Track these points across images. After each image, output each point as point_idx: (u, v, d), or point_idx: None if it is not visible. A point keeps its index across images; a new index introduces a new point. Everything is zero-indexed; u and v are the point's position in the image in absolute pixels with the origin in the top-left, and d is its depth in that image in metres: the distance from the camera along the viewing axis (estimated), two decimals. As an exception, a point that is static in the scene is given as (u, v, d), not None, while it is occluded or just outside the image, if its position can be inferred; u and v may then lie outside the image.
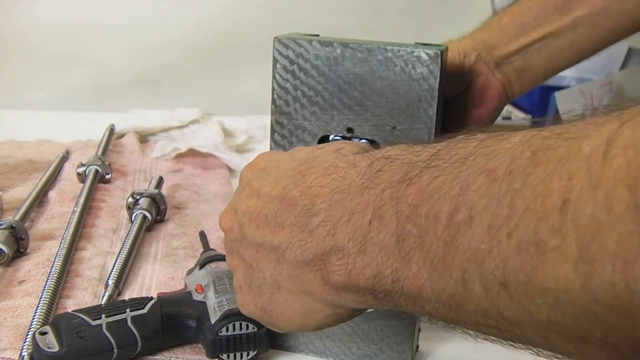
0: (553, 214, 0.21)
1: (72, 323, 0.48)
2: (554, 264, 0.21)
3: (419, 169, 0.28)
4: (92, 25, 1.28)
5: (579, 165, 0.21)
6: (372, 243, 0.29)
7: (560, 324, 0.22)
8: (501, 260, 0.23)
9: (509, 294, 0.23)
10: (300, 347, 0.53)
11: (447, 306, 0.27)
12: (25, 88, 1.31)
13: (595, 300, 0.20)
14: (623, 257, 0.19)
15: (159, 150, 1.07)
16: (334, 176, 0.33)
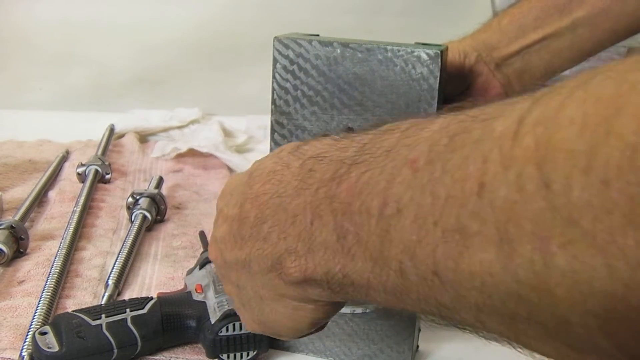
0: (472, 198, 0.22)
1: (72, 323, 0.48)
2: (477, 248, 0.22)
3: (347, 166, 0.29)
4: (92, 25, 1.28)
5: (491, 146, 0.21)
6: (317, 243, 0.30)
7: (489, 306, 0.22)
8: (431, 249, 0.23)
9: (442, 282, 0.24)
10: (300, 347, 0.53)
11: (394, 296, 0.27)
12: (25, 88, 1.30)
13: (516, 280, 0.21)
14: (539, 235, 0.20)
15: (159, 150, 1.07)
16: (273, 181, 0.34)
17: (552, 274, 0.19)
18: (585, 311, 0.19)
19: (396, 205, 0.25)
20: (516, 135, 0.21)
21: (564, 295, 0.19)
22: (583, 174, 0.18)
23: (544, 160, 0.19)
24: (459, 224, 0.22)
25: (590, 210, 0.18)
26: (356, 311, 0.50)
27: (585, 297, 0.19)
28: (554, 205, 0.19)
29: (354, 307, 0.50)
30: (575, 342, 0.20)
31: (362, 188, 0.27)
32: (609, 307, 0.18)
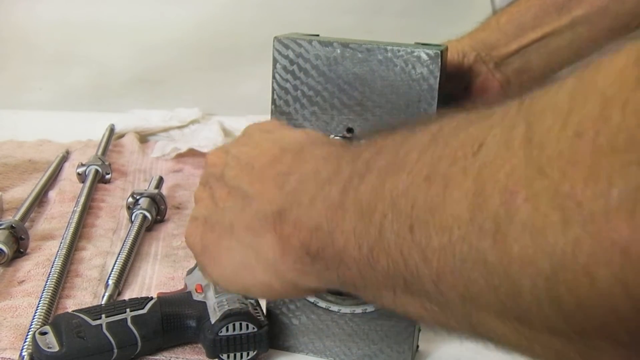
0: (467, 157, 0.23)
1: (72, 323, 0.48)
2: (454, 199, 0.22)
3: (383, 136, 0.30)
4: (92, 25, 1.28)
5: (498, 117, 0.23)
6: (322, 197, 0.31)
7: (449, 273, 0.23)
8: (412, 199, 0.24)
9: (413, 238, 0.24)
10: (300, 347, 0.53)
11: (367, 262, 0.28)
12: (25, 88, 1.30)
13: (480, 233, 0.21)
14: (510, 189, 0.20)
15: (159, 150, 1.06)
16: (327, 148, 0.35)
17: (512, 229, 0.20)
18: (536, 271, 0.19)
19: (400, 163, 0.26)
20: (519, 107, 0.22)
21: (519, 252, 0.20)
22: (561, 127, 0.19)
23: (532, 119, 0.20)
24: (446, 175, 0.23)
25: (560, 161, 0.19)
26: (356, 311, 0.50)
27: (538, 253, 0.19)
28: (530, 158, 0.20)
29: (354, 307, 0.50)
30: (526, 312, 0.21)
31: (382, 150, 0.29)
32: (558, 266, 0.18)
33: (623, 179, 0.17)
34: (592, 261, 0.18)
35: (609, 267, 0.17)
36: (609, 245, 0.17)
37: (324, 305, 0.51)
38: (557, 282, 0.19)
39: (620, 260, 0.17)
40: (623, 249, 0.17)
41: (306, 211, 0.32)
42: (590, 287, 0.18)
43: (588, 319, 0.19)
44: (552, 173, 0.19)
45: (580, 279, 0.18)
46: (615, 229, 0.17)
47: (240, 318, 0.49)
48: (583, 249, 0.18)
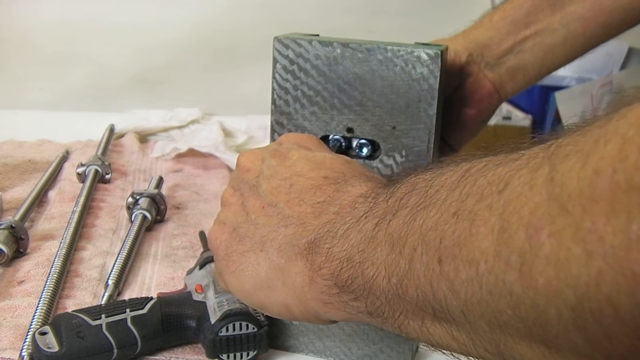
0: (494, 195, 0.24)
1: (72, 323, 0.48)
2: (481, 235, 0.24)
3: (416, 174, 0.31)
4: (92, 25, 1.28)
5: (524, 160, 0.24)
6: (356, 230, 0.32)
7: (477, 303, 0.24)
8: (441, 233, 0.26)
9: (442, 270, 0.25)
10: (300, 347, 0.53)
11: (396, 292, 0.29)
12: (25, 88, 1.30)
13: (505, 267, 0.22)
14: (534, 225, 0.21)
15: (159, 150, 1.07)
16: (368, 184, 0.35)
17: (537, 262, 0.21)
18: (561, 302, 0.20)
19: (430, 200, 0.28)
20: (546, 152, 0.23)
21: (544, 284, 0.21)
22: (581, 166, 0.20)
23: (556, 160, 0.22)
24: (473, 212, 0.24)
25: (581, 199, 0.20)
26: (356, 311, 0.50)
27: (563, 285, 0.20)
28: (552, 195, 0.21)
29: (354, 307, 0.50)
30: (553, 339, 0.22)
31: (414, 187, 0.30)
32: (583, 297, 0.20)
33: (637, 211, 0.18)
34: (615, 291, 0.19)
35: (632, 297, 0.18)
36: (631, 276, 0.18)
37: (324, 306, 0.51)
38: (582, 311, 0.20)
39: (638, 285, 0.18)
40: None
41: (339, 242, 0.32)
42: (614, 316, 0.19)
43: (614, 345, 0.20)
44: (573, 210, 0.20)
45: (604, 309, 0.19)
46: (636, 261, 0.18)
47: (240, 318, 0.49)
48: (606, 281, 0.19)
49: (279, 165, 0.38)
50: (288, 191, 0.36)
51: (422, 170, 0.31)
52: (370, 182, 0.36)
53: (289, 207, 0.36)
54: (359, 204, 0.34)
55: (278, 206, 0.36)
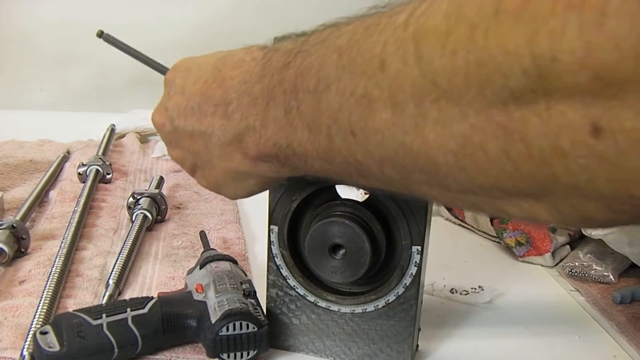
0: (376, 72, 0.29)
1: (72, 323, 0.48)
2: (379, 110, 0.29)
3: (294, 54, 0.35)
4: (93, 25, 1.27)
5: (390, 33, 0.28)
6: (270, 119, 0.36)
7: (387, 159, 0.30)
8: (348, 113, 0.31)
9: (356, 140, 0.31)
10: (300, 347, 0.53)
11: (325, 160, 0.34)
12: (26, 88, 1.31)
13: (403, 131, 0.28)
14: (417, 96, 0.27)
15: (160, 150, 1.07)
16: (241, 69, 0.39)
17: (427, 124, 0.27)
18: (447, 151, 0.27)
19: (325, 82, 0.32)
20: (406, 23, 0.28)
21: (434, 139, 0.27)
22: (441, 47, 0.25)
23: (419, 39, 0.26)
24: (366, 92, 0.29)
25: (446, 74, 0.25)
26: (356, 311, 0.50)
27: (447, 138, 0.26)
28: (424, 72, 0.26)
29: (354, 307, 0.50)
30: (443, 180, 0.28)
31: (303, 71, 0.34)
32: (461, 145, 0.26)
33: (491, 84, 0.24)
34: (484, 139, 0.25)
35: (495, 141, 0.25)
36: (494, 128, 0.25)
37: (324, 305, 0.51)
38: (462, 155, 0.26)
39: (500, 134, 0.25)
40: (505, 130, 0.24)
41: (262, 133, 0.37)
42: (485, 157, 0.25)
43: (487, 180, 0.26)
44: (442, 83, 0.26)
45: (477, 152, 0.26)
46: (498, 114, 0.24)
47: (240, 318, 0.49)
48: (477, 132, 0.25)
49: (176, 101, 0.43)
50: (192, 113, 0.42)
51: (296, 48, 0.35)
52: (242, 67, 0.39)
53: (201, 124, 0.41)
54: (250, 91, 0.37)
55: (195, 129, 0.42)
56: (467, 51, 0.24)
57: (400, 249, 0.48)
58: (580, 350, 0.56)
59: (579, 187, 0.24)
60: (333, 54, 0.32)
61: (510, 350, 0.56)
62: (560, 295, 0.66)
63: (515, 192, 0.26)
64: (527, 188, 0.26)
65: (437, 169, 0.28)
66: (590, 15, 0.21)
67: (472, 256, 0.76)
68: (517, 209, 0.28)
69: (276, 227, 0.50)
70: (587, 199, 0.24)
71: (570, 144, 0.23)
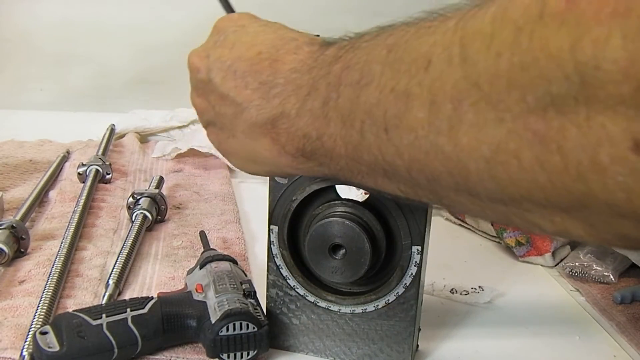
0: (420, 72, 0.29)
1: (72, 323, 0.48)
2: (416, 108, 0.29)
3: (346, 50, 0.35)
4: (93, 25, 1.28)
5: (439, 35, 0.28)
6: (306, 110, 0.36)
7: (417, 161, 0.30)
8: (384, 109, 0.31)
9: (389, 137, 0.31)
10: (300, 347, 0.53)
11: (353, 158, 0.34)
12: (26, 88, 1.31)
13: (437, 132, 0.28)
14: (456, 97, 0.27)
15: (160, 150, 1.07)
16: (296, 57, 0.39)
17: (462, 127, 0.27)
18: (479, 156, 0.26)
19: (368, 77, 0.32)
20: (455, 27, 0.28)
21: (467, 143, 0.27)
22: (486, 49, 0.25)
23: (466, 41, 0.26)
24: (406, 89, 0.29)
25: (488, 76, 0.25)
26: (356, 311, 0.50)
27: (480, 144, 0.26)
28: (467, 74, 0.26)
29: (354, 307, 0.50)
30: (473, 187, 0.28)
31: (350, 65, 0.34)
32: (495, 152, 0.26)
33: (533, 89, 0.23)
34: (519, 147, 0.25)
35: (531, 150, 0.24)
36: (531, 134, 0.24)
37: (324, 305, 0.51)
38: (495, 163, 0.26)
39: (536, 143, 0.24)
40: (541, 139, 0.24)
41: (295, 122, 0.37)
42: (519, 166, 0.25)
43: (519, 190, 0.26)
44: (484, 86, 0.25)
45: (511, 160, 0.25)
46: (535, 123, 0.24)
47: (240, 318, 0.49)
48: (513, 139, 0.25)
49: (222, 55, 0.41)
50: (234, 77, 0.40)
51: (349, 44, 0.35)
52: (297, 54, 0.39)
53: (238, 93, 0.40)
54: (298, 80, 0.37)
55: (230, 95, 0.40)
56: (512, 54, 0.24)
57: (400, 249, 0.48)
58: (580, 350, 0.56)
59: (616, 204, 0.23)
60: (382, 50, 0.32)
61: (510, 350, 0.56)
62: (561, 296, 0.66)
63: (548, 205, 0.25)
64: (560, 202, 0.25)
65: (467, 175, 0.27)
66: (636, 24, 0.20)
67: (472, 256, 0.76)
68: (549, 223, 0.27)
69: (276, 227, 0.50)
70: (623, 217, 0.23)
71: (610, 159, 0.22)
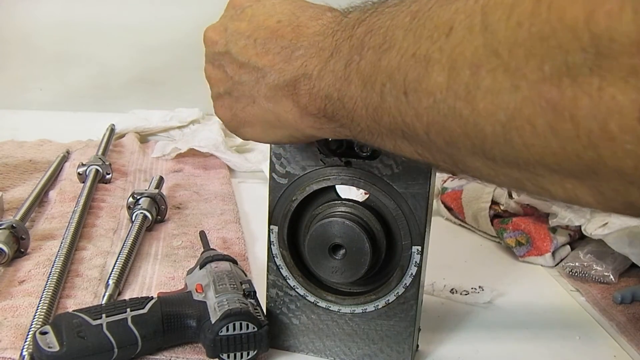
0: (441, 37, 0.29)
1: (72, 323, 0.48)
2: (435, 72, 0.30)
3: (370, 13, 0.36)
4: (93, 25, 1.28)
5: (463, 3, 0.29)
6: (328, 71, 0.37)
7: (436, 124, 0.31)
8: (405, 73, 0.31)
9: (408, 101, 0.32)
10: (300, 347, 0.53)
11: (373, 119, 0.35)
12: (25, 88, 1.31)
13: (456, 97, 0.29)
14: (475, 63, 0.27)
15: (159, 150, 1.07)
16: (320, 22, 0.40)
17: (479, 92, 0.28)
18: (495, 120, 0.27)
19: (391, 42, 0.33)
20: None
21: (484, 108, 0.28)
22: (507, 18, 0.26)
23: (487, 10, 0.27)
24: (427, 54, 0.30)
25: (508, 45, 0.26)
26: (356, 311, 0.50)
27: (497, 109, 0.27)
28: (487, 41, 0.27)
29: (354, 307, 0.50)
30: (489, 150, 0.29)
31: (373, 29, 0.34)
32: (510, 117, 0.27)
33: (551, 58, 0.24)
34: (533, 113, 0.26)
35: (544, 117, 0.25)
36: (545, 102, 0.25)
37: (324, 305, 0.51)
38: (510, 128, 0.27)
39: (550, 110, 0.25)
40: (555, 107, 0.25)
41: (317, 83, 0.38)
42: (532, 131, 0.26)
43: (532, 155, 0.27)
44: (504, 53, 0.26)
45: (525, 125, 0.26)
46: (549, 92, 0.25)
47: (240, 318, 0.49)
48: (527, 105, 0.26)
49: (239, 27, 0.43)
50: (254, 45, 0.41)
51: (372, 9, 0.36)
52: (321, 19, 0.40)
53: (260, 59, 0.41)
54: (321, 43, 0.38)
55: (250, 62, 0.41)
56: (531, 23, 0.25)
57: (400, 249, 0.48)
58: (580, 350, 0.56)
59: (624, 172, 0.24)
60: (405, 17, 0.32)
61: (510, 350, 0.56)
62: (561, 296, 0.66)
63: (559, 171, 0.27)
64: (571, 168, 0.26)
65: (483, 138, 0.29)
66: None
67: (472, 256, 0.76)
68: (560, 189, 0.28)
69: (276, 227, 0.50)
70: (632, 184, 0.24)
71: (619, 129, 0.23)
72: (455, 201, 0.83)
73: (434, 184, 0.48)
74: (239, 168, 1.02)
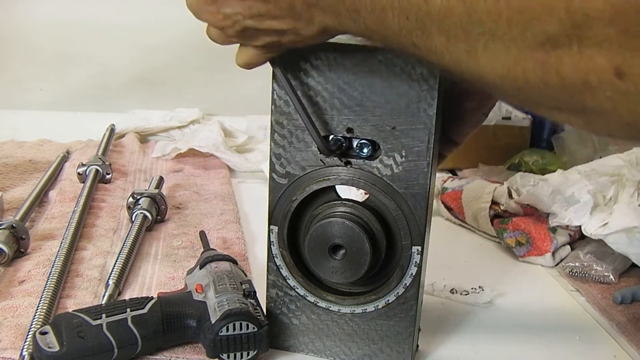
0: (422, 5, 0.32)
1: (72, 323, 0.48)
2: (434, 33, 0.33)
3: None
4: (93, 25, 1.28)
5: None
6: None
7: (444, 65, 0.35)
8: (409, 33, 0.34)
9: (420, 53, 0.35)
10: (300, 347, 0.53)
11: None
12: (25, 88, 1.31)
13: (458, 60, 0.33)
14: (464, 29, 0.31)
15: (159, 150, 1.07)
16: None
17: (477, 52, 0.31)
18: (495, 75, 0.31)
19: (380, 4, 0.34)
20: None
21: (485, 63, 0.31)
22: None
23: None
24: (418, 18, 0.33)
25: (489, 15, 0.30)
26: (356, 311, 0.50)
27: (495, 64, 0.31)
28: (469, 12, 0.30)
29: (354, 307, 0.50)
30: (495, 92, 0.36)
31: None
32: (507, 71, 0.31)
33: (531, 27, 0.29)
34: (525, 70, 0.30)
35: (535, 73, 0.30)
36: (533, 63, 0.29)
37: (324, 305, 0.51)
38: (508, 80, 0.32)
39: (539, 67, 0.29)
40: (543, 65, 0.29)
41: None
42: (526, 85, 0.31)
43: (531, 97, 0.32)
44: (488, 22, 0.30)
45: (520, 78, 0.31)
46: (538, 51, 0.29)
47: (240, 318, 0.49)
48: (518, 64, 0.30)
49: None
50: None
51: None
52: None
53: None
54: None
55: None
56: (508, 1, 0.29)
57: (400, 249, 0.48)
58: (580, 350, 0.56)
59: (605, 112, 0.30)
60: None
61: (510, 350, 0.56)
62: (561, 296, 0.66)
63: (555, 107, 0.32)
64: (564, 106, 0.32)
65: (487, 84, 0.33)
66: None
67: (472, 256, 0.76)
68: (558, 117, 0.34)
69: (276, 227, 0.50)
70: (610, 119, 0.30)
71: (598, 81, 0.28)
72: (455, 201, 0.83)
73: (434, 184, 0.48)
74: (239, 168, 1.02)
